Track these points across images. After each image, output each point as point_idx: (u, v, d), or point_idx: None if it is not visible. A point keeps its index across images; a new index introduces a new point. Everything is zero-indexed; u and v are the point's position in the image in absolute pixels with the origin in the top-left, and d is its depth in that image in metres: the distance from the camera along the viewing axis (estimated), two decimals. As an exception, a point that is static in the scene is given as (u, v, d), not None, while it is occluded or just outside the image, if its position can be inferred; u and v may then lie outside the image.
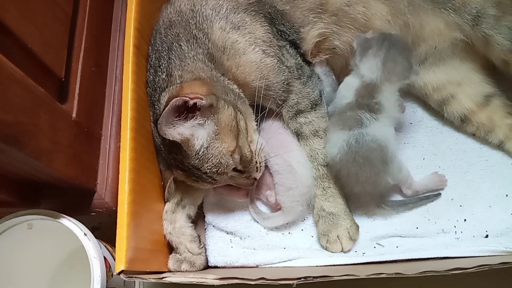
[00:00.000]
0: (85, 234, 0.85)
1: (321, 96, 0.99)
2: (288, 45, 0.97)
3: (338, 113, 0.96)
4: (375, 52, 0.93)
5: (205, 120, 0.84)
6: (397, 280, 0.78)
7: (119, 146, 0.83)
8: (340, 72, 1.05)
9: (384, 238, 0.98)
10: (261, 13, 0.95)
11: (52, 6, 0.84)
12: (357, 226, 0.97)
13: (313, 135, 0.96)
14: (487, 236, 0.95)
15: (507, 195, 0.98)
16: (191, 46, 0.90)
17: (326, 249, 0.96)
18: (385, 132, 0.93)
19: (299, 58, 0.99)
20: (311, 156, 0.96)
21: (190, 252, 0.94)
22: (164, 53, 0.92)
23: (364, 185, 0.92)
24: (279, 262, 0.95)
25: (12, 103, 0.68)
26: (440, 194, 1.00)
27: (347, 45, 0.99)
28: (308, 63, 1.01)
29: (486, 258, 0.86)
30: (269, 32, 0.94)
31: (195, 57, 0.90)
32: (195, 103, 0.81)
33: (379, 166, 0.90)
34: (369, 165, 0.90)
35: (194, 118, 0.83)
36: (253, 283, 0.76)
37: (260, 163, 0.93)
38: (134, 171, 0.82)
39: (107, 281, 0.86)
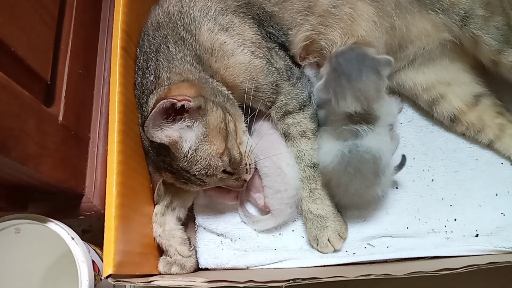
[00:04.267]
0: (73, 238, 0.85)
1: (310, 98, 0.99)
2: (277, 47, 0.97)
3: (332, 126, 0.94)
4: (343, 94, 0.88)
5: (194, 122, 0.84)
6: (388, 280, 0.79)
7: (108, 149, 0.83)
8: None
9: (374, 238, 0.98)
10: (249, 15, 0.95)
11: (38, 9, 0.83)
12: (346, 225, 0.97)
13: (300, 136, 0.96)
14: (477, 236, 0.95)
15: (497, 195, 0.99)
16: (179, 47, 0.90)
17: (317, 250, 0.97)
18: (380, 143, 0.91)
19: (288, 59, 0.98)
20: (298, 157, 0.96)
21: (180, 254, 0.93)
22: (152, 55, 0.91)
23: (352, 197, 0.91)
24: (270, 264, 0.95)
25: (-3, 109, 0.67)
26: (404, 157, 0.97)
27: (333, 45, 0.98)
28: (298, 65, 1.01)
29: (474, 258, 0.86)
30: (258, 34, 0.94)
31: (183, 59, 0.89)
32: (183, 105, 0.81)
33: (371, 179, 0.89)
34: (361, 177, 0.88)
35: (182, 120, 0.83)
36: (242, 286, 0.76)
37: (250, 164, 0.93)
38: (122, 174, 0.81)
39: (95, 285, 0.85)
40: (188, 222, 1.03)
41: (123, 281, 0.76)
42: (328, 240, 0.94)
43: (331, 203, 0.96)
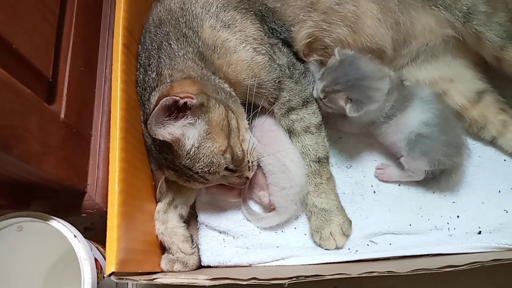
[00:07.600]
0: (75, 236, 0.85)
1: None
2: (280, 43, 0.97)
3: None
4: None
5: (196, 120, 0.83)
6: (391, 277, 0.78)
7: (110, 146, 0.82)
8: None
9: (377, 236, 0.98)
10: (251, 11, 0.94)
11: (39, 7, 0.82)
12: (350, 221, 0.97)
13: (304, 132, 0.96)
14: (480, 233, 0.95)
15: (500, 191, 0.99)
16: (181, 44, 0.90)
17: (319, 245, 0.97)
18: None
19: (292, 56, 0.98)
20: (303, 152, 0.96)
21: (182, 252, 0.93)
22: (154, 52, 0.91)
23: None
24: (272, 261, 0.95)
25: (-1, 107, 0.67)
26: None
27: (339, 43, 0.98)
28: (303, 61, 1.01)
29: (478, 255, 0.86)
30: (260, 30, 0.94)
31: (185, 56, 0.89)
32: (185, 103, 0.80)
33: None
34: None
35: (185, 117, 0.82)
36: (244, 283, 0.76)
37: (252, 162, 0.92)
38: (124, 172, 0.81)
39: (98, 283, 0.85)
40: (190, 220, 1.03)
41: (125, 279, 0.76)
42: (331, 234, 0.94)
43: (336, 197, 0.97)
